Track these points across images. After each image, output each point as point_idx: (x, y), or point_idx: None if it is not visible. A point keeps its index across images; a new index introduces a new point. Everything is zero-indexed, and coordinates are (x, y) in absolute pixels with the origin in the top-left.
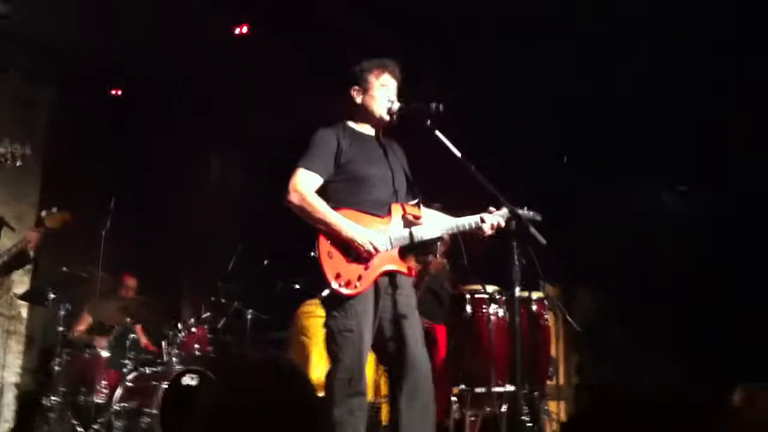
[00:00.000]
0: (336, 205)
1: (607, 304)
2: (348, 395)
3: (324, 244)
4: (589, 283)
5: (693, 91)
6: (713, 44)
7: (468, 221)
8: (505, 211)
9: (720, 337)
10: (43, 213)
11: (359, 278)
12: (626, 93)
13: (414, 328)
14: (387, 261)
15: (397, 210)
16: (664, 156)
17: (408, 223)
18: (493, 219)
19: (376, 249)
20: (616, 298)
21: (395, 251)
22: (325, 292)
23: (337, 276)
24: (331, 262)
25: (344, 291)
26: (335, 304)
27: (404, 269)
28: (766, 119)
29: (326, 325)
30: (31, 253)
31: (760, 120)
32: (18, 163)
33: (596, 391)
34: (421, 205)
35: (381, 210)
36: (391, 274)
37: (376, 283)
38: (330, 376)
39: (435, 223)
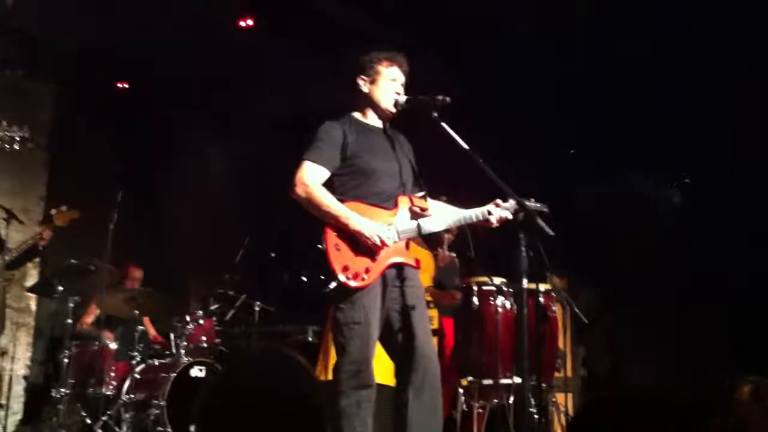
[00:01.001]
0: (342, 198)
1: (611, 298)
2: (355, 387)
3: (331, 237)
4: (594, 276)
5: (696, 86)
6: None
7: (475, 213)
8: (511, 203)
9: (724, 330)
10: (53, 211)
11: (366, 271)
12: (630, 87)
13: (422, 320)
14: (394, 253)
15: (404, 202)
16: (669, 150)
17: (415, 216)
18: (501, 212)
19: (383, 241)
20: (619, 291)
21: (402, 243)
22: (333, 285)
23: (345, 268)
24: (339, 254)
25: (352, 283)
26: (343, 296)
27: (412, 261)
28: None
29: (333, 317)
30: (41, 248)
31: (761, 113)
32: (16, 147)
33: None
34: (428, 198)
35: (388, 202)
36: (398, 267)
37: (383, 276)
38: (337, 367)
39: (442, 215)
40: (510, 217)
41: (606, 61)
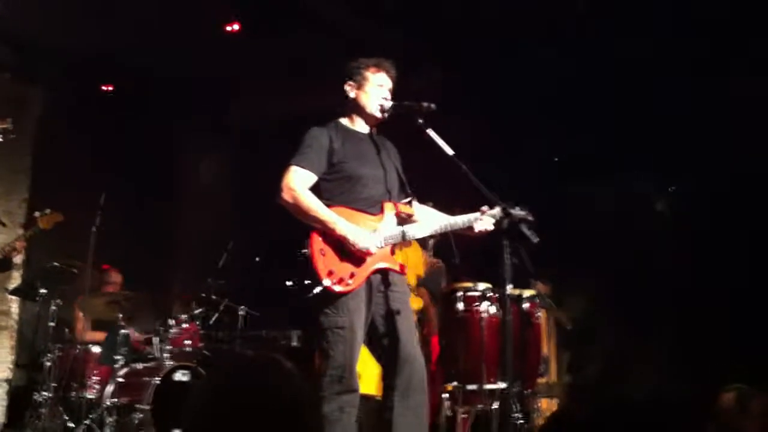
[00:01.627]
0: (329, 203)
1: (599, 303)
2: (338, 392)
3: (317, 242)
4: (581, 282)
5: (690, 86)
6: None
7: (461, 219)
8: (496, 210)
9: (722, 334)
10: (37, 214)
11: (351, 276)
12: (623, 90)
13: (407, 325)
14: (379, 259)
15: (389, 208)
16: (661, 154)
17: (400, 222)
18: (485, 223)
19: (368, 247)
20: (607, 295)
21: (388, 249)
22: (317, 290)
23: (330, 273)
24: (324, 259)
25: (336, 288)
26: (327, 301)
27: (396, 267)
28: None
29: (317, 321)
30: (14, 261)
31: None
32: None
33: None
34: (414, 203)
35: (374, 208)
36: (383, 272)
37: (368, 281)
38: (320, 373)
39: (428, 222)
40: (491, 229)
41: (604, 61)
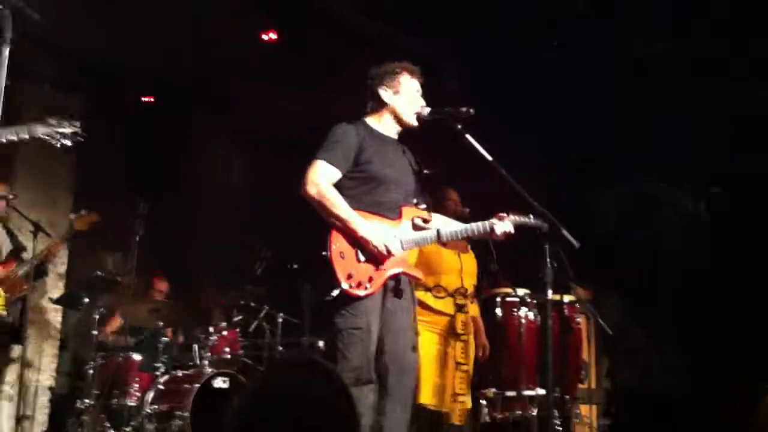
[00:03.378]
0: (350, 203)
1: (632, 307)
2: (355, 393)
3: (336, 243)
4: (622, 287)
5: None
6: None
7: (477, 226)
8: (514, 217)
9: (744, 336)
10: (72, 215)
11: (370, 279)
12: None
13: (407, 333)
14: (397, 264)
15: (408, 213)
16: (687, 156)
17: (418, 227)
18: (504, 226)
19: (389, 251)
20: (638, 300)
21: (405, 254)
22: (335, 292)
23: (349, 276)
24: (343, 262)
25: (355, 292)
26: (345, 302)
27: (414, 272)
28: None
29: (334, 322)
30: (49, 266)
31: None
32: (68, 143)
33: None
34: (431, 211)
35: (392, 212)
36: (398, 277)
37: (384, 285)
38: None
39: (444, 228)
40: (512, 231)
41: (627, 65)
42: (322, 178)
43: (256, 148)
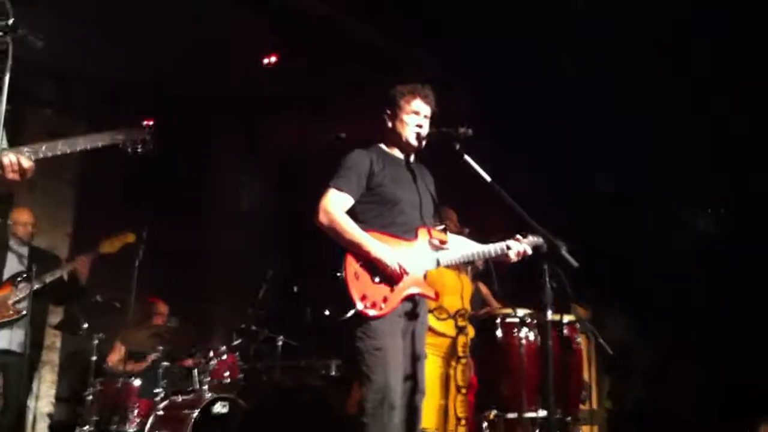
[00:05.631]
0: (364, 227)
1: (637, 327)
2: (381, 414)
3: (351, 265)
4: (619, 306)
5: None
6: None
7: (494, 248)
8: (531, 238)
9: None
10: (103, 242)
11: (384, 300)
12: (657, 114)
13: (421, 355)
14: (412, 284)
15: (423, 234)
16: (697, 176)
17: (434, 248)
18: (520, 246)
19: (403, 270)
20: (644, 320)
21: (421, 275)
22: (350, 313)
23: (363, 297)
24: (358, 283)
25: (369, 312)
26: (360, 325)
27: (429, 293)
28: None
29: (354, 347)
30: (83, 281)
31: None
32: (139, 149)
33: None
34: (448, 231)
35: (408, 233)
36: (413, 299)
37: (400, 306)
38: (362, 398)
39: (460, 249)
40: (530, 251)
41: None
42: (334, 206)
43: (260, 171)
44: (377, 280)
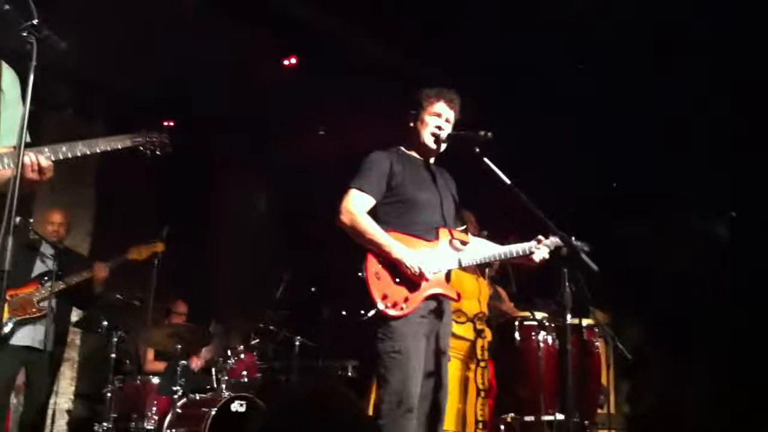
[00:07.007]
0: (385, 227)
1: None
2: (397, 417)
3: (372, 265)
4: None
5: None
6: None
7: (516, 249)
8: (553, 239)
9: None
10: (131, 249)
11: (405, 300)
12: (676, 122)
13: (445, 358)
14: (434, 284)
15: (444, 234)
16: (713, 184)
17: (455, 249)
18: (543, 252)
19: (422, 273)
20: (667, 326)
21: (443, 275)
22: (371, 313)
23: (384, 297)
24: (379, 283)
25: (390, 312)
26: (381, 325)
27: (451, 293)
28: None
29: (374, 348)
30: (98, 289)
31: None
32: (158, 152)
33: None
34: (469, 232)
35: (429, 234)
36: (436, 299)
37: (423, 306)
38: (379, 399)
39: (482, 249)
40: (547, 257)
41: (647, 91)
42: (356, 206)
43: (276, 174)
44: (398, 280)
